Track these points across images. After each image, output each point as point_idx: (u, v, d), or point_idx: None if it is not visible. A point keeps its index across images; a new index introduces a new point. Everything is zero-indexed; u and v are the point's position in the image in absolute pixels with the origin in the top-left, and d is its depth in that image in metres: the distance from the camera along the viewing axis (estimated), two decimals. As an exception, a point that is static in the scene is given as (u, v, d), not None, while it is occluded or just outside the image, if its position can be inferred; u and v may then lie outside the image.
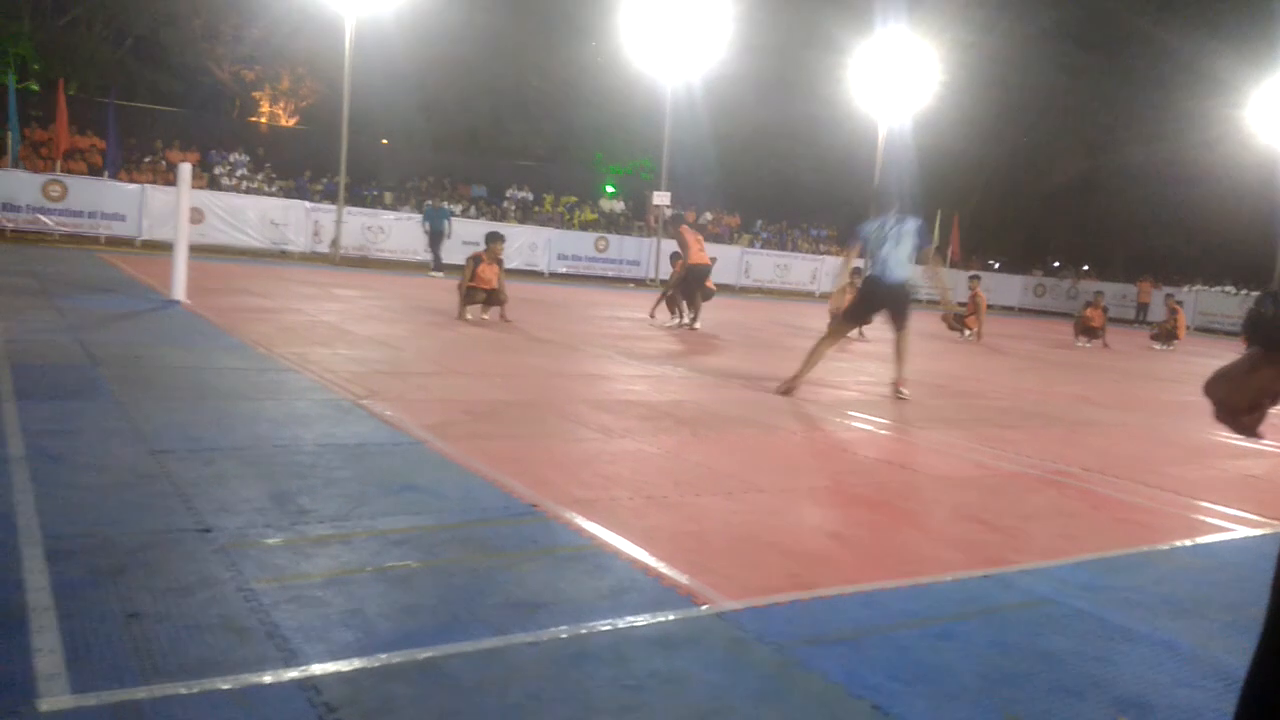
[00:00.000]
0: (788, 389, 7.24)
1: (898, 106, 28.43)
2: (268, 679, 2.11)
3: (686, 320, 12.64)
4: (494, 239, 11.54)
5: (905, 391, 7.59)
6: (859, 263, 8.99)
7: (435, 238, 21.42)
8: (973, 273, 23.08)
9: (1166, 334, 18.46)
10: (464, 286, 11.11)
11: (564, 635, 2.48)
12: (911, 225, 7.58)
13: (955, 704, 2.31)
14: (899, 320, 7.66)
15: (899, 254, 7.51)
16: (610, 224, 29.62)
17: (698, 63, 25.17)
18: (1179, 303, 19.58)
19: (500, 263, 11.41)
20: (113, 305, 9.29)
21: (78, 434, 4.07)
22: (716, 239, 30.19)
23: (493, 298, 11.18)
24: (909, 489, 4.57)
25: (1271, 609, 1.10)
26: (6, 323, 7.16)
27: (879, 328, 8.59)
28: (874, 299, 7.68)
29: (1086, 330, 17.24)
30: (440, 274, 20.12)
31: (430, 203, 23.82)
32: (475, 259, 11.24)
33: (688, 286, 12.68)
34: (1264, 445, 6.94)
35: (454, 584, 2.77)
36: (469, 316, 11.06)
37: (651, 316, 12.97)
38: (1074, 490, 4.83)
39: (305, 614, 2.46)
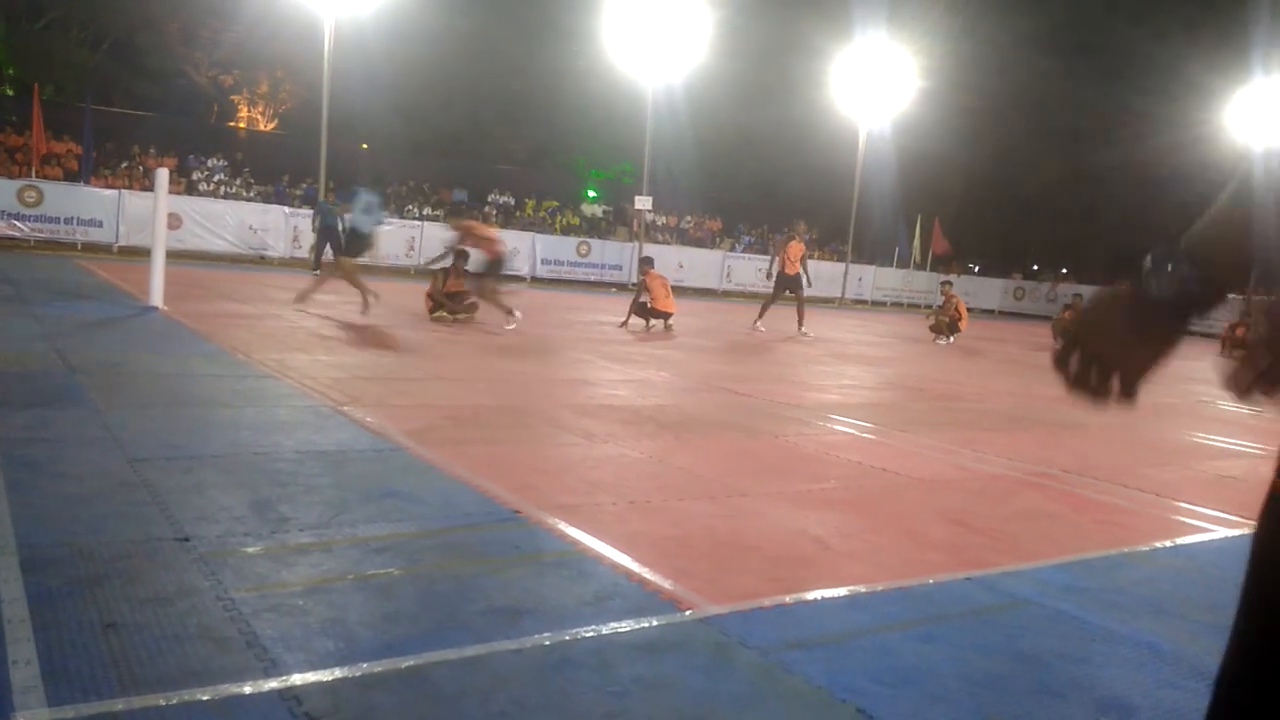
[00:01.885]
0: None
1: (877, 111, 28.60)
2: (248, 689, 2.09)
3: (654, 324, 13.04)
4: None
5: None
6: None
7: (330, 234, 18.86)
8: (944, 277, 23.11)
9: None
10: (438, 294, 11.19)
11: (547, 642, 2.47)
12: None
13: (938, 706, 2.31)
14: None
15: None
16: (592, 228, 29.61)
17: (679, 67, 25.22)
18: None
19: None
20: (90, 312, 9.19)
21: (54, 442, 4.02)
22: (698, 243, 30.25)
23: (469, 299, 11.31)
24: (891, 492, 4.58)
25: (1242, 609, 1.08)
26: (-19, 330, 7.08)
27: (861, 330, 8.61)
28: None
29: (1065, 333, 17.36)
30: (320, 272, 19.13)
31: (326, 199, 21.37)
32: (445, 271, 11.37)
33: (645, 309, 13.09)
34: (1241, 445, 7.01)
35: (436, 591, 2.76)
36: (451, 317, 11.14)
37: (624, 325, 13.07)
38: (1055, 492, 4.86)
39: (286, 623, 2.44)
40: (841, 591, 3.07)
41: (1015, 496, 4.70)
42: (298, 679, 2.15)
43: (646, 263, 13.65)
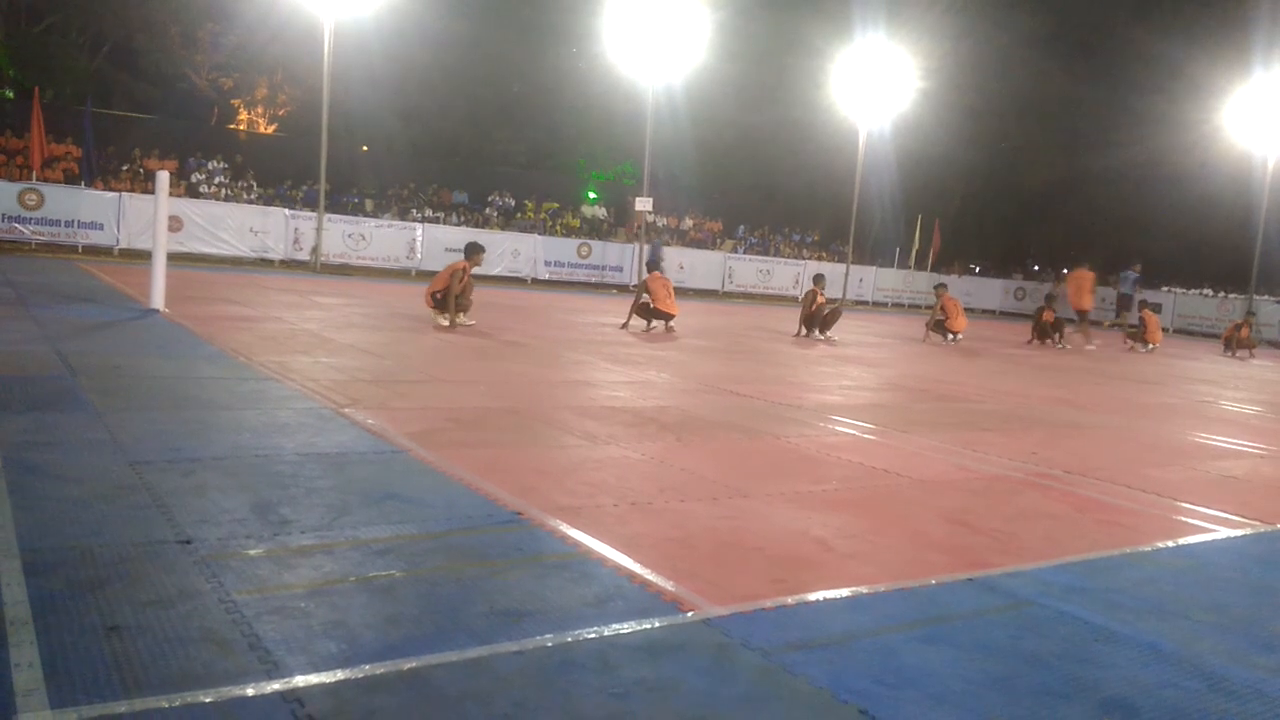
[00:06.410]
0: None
1: (877, 112, 28.59)
2: (250, 691, 2.09)
3: (655, 325, 13.14)
4: (475, 250, 11.73)
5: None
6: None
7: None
8: (939, 280, 23.05)
9: (1138, 336, 18.58)
10: (463, 297, 11.23)
11: (549, 644, 2.47)
12: None
13: (941, 707, 2.31)
14: None
15: None
16: (593, 230, 29.61)
17: (679, 68, 25.22)
18: (1150, 308, 19.82)
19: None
20: (91, 315, 9.20)
21: (56, 446, 4.02)
22: (699, 245, 30.24)
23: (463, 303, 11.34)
24: (892, 493, 4.58)
25: None
26: (-18, 333, 7.08)
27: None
28: None
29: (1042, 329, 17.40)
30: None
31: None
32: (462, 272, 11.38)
33: (646, 310, 13.28)
34: (1243, 445, 7.00)
35: (438, 593, 2.76)
36: (467, 322, 11.19)
37: (625, 326, 13.10)
38: (1056, 492, 4.85)
39: (288, 625, 2.44)
40: (843, 592, 3.06)
41: (1017, 497, 4.70)
42: (300, 681, 2.15)
43: (654, 264, 13.76)
